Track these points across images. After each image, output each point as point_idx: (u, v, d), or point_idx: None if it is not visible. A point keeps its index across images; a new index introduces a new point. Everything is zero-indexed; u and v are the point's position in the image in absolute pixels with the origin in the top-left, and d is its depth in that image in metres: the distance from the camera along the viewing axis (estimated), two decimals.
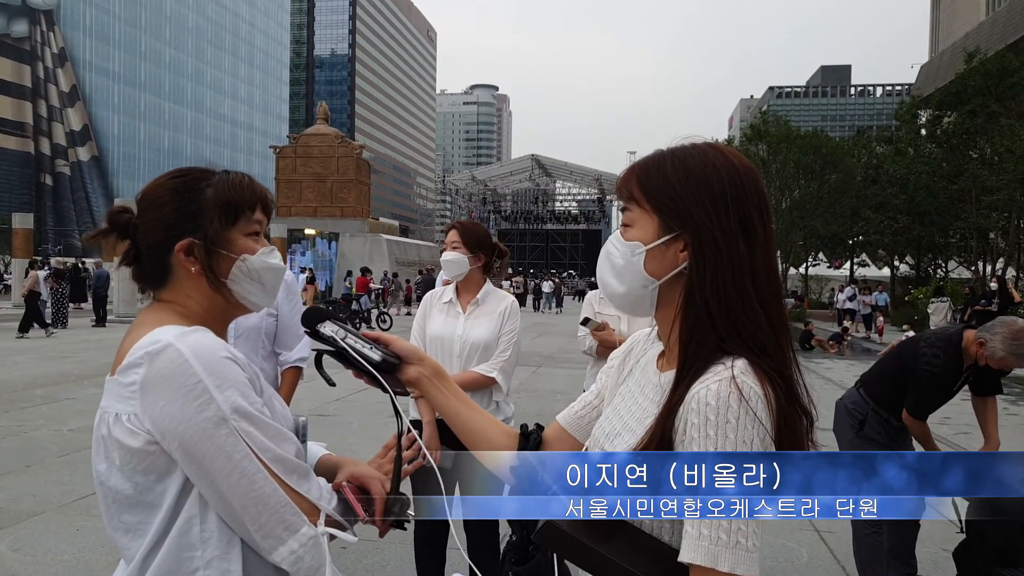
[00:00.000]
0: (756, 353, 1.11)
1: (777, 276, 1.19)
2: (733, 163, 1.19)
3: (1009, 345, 3.49)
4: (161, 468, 1.26)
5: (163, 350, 1.24)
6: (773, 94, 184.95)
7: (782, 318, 1.17)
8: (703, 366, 1.11)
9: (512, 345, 3.32)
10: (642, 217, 1.21)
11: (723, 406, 1.04)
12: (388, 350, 1.38)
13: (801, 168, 34.22)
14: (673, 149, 1.23)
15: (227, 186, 1.40)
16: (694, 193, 1.17)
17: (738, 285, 1.13)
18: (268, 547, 1.26)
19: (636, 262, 1.21)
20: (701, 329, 1.14)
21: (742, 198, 1.17)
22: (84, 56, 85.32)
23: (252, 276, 1.40)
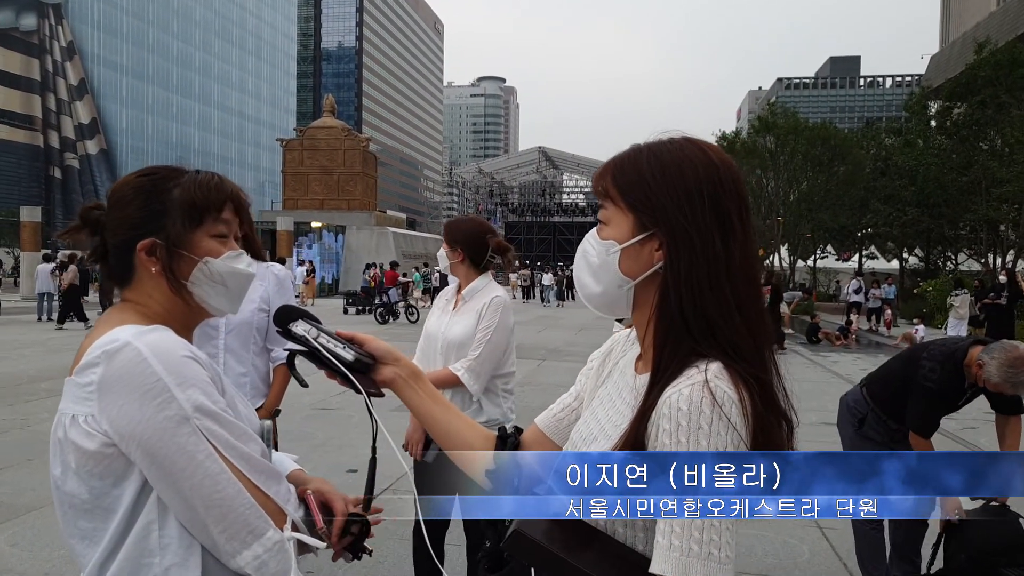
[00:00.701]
0: (731, 356, 1.08)
1: (756, 276, 1.16)
2: (711, 158, 1.15)
3: (1004, 372, 3.37)
4: (118, 472, 1.22)
5: (121, 349, 1.21)
6: (781, 85, 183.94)
7: (760, 319, 1.14)
8: (677, 369, 1.08)
9: (484, 343, 3.21)
10: (617, 215, 1.18)
11: (695, 411, 1.01)
12: (362, 350, 1.34)
13: (809, 160, 34.01)
14: (650, 144, 1.19)
15: (193, 186, 1.36)
16: (669, 190, 1.13)
17: (714, 285, 1.10)
18: (231, 551, 1.22)
19: (611, 261, 1.18)
20: (675, 331, 1.11)
21: (719, 194, 1.13)
22: (92, 49, 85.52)
23: (214, 279, 1.36)
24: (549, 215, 73.03)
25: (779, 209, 34.31)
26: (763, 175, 35.47)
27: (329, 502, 1.37)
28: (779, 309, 17.85)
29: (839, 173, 33.35)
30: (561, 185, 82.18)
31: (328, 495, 1.38)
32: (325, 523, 1.33)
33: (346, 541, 1.35)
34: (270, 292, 3.30)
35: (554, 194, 78.31)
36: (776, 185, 35.19)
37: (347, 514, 1.34)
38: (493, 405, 3.30)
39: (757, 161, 35.01)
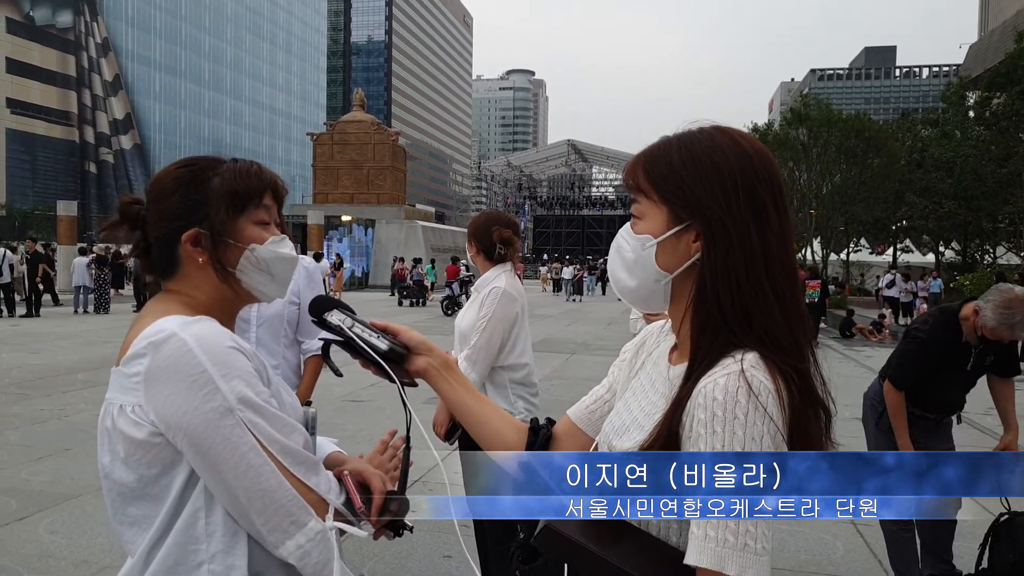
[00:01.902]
0: (769, 347, 1.05)
1: (794, 266, 1.13)
2: (743, 147, 1.13)
3: (1000, 314, 3.34)
4: (166, 460, 1.24)
5: (167, 340, 1.22)
6: (815, 77, 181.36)
7: (798, 310, 1.11)
8: (713, 359, 1.06)
9: (479, 332, 3.22)
10: (651, 209, 1.16)
11: (731, 401, 0.99)
12: (396, 340, 1.36)
13: (843, 152, 33.46)
14: (679, 135, 1.17)
15: (234, 175, 1.36)
16: (702, 180, 1.11)
17: (751, 276, 1.08)
18: (275, 541, 1.23)
19: (647, 256, 1.16)
20: (712, 322, 1.09)
21: (754, 184, 1.11)
22: (126, 45, 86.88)
23: (260, 266, 1.37)
24: (578, 208, 72.85)
25: (812, 202, 33.82)
26: (795, 168, 35.00)
27: (367, 480, 1.36)
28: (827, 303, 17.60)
29: (873, 165, 32.79)
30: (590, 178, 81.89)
31: (365, 474, 1.38)
32: (364, 502, 1.33)
33: (385, 519, 1.35)
34: (300, 285, 3.31)
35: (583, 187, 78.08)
36: (809, 178, 34.70)
37: (385, 492, 1.34)
38: (500, 398, 3.28)
39: (789, 153, 34.54)
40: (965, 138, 28.92)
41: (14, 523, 4.61)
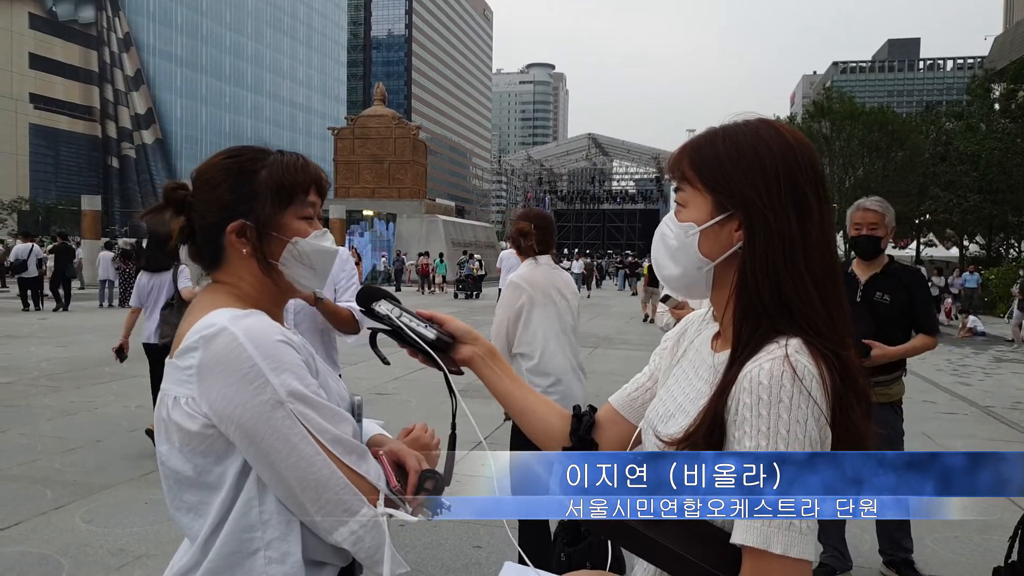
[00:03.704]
0: (810, 334, 1.07)
1: (833, 255, 1.15)
2: (787, 139, 1.16)
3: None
4: (220, 450, 1.27)
5: (218, 334, 1.25)
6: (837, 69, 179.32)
7: (838, 298, 1.13)
8: (757, 346, 1.08)
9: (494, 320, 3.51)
10: (695, 197, 1.19)
11: (776, 385, 1.01)
12: (442, 329, 1.39)
13: (866, 146, 33.18)
14: (725, 127, 1.20)
15: (281, 168, 1.38)
16: (746, 171, 1.14)
17: (790, 266, 1.11)
18: (328, 528, 1.26)
19: (690, 243, 1.18)
20: (754, 310, 1.11)
21: (796, 175, 1.14)
22: (148, 40, 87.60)
23: (303, 260, 1.39)
24: (599, 202, 72.55)
25: (834, 196, 33.53)
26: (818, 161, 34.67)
27: (402, 460, 1.38)
28: None
29: (897, 159, 32.47)
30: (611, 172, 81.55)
31: (400, 453, 1.39)
32: (399, 481, 1.35)
33: (421, 497, 1.36)
34: (334, 271, 3.36)
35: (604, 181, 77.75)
36: (831, 171, 34.39)
37: (420, 471, 1.36)
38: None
39: None
40: (990, 131, 28.53)
41: (51, 512, 4.69)
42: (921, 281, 3.85)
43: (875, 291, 3.77)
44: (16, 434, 6.57)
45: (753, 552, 0.98)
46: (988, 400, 9.57)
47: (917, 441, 7.11)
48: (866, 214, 3.78)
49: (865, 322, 3.69)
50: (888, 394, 3.78)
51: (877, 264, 3.82)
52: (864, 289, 3.80)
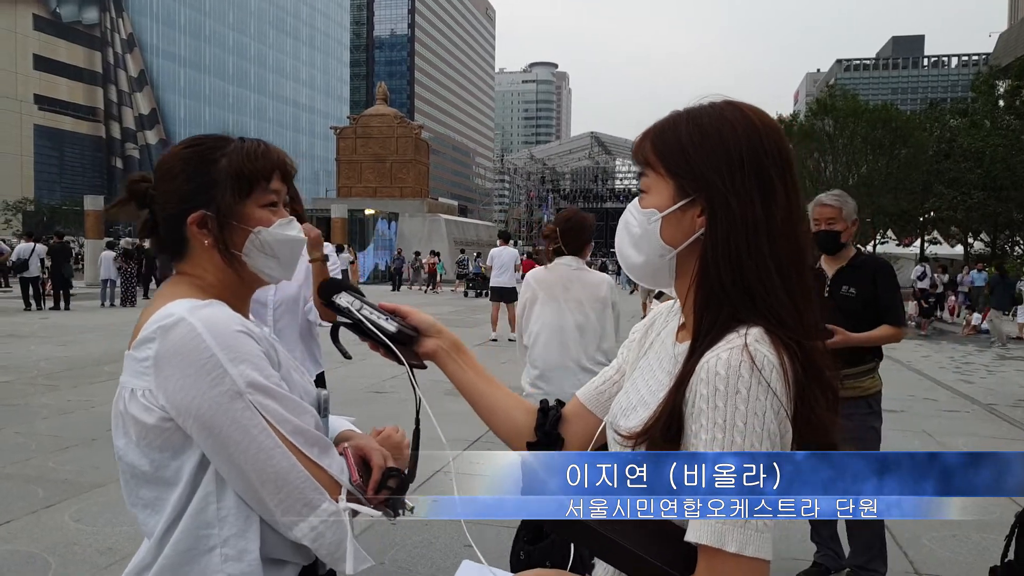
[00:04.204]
0: (773, 322, 1.04)
1: (799, 241, 1.10)
2: (752, 122, 1.11)
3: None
4: (177, 445, 1.24)
5: (175, 324, 1.22)
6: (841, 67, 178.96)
7: (803, 286, 1.09)
8: (717, 335, 1.04)
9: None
10: (658, 182, 1.15)
11: (733, 376, 0.97)
12: (405, 322, 1.35)
13: (869, 143, 33.04)
14: (689, 109, 1.16)
15: (241, 155, 1.34)
16: (709, 154, 1.10)
17: (753, 251, 1.06)
18: (288, 523, 1.23)
19: (652, 230, 1.14)
20: (715, 298, 1.08)
21: (761, 158, 1.09)
22: (151, 41, 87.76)
23: (266, 249, 1.35)
24: (602, 201, 72.49)
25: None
26: (821, 159, 34.60)
27: (367, 456, 1.36)
28: None
29: (900, 156, 32.34)
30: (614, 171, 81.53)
31: (366, 449, 1.37)
32: (362, 477, 1.32)
33: (383, 495, 1.33)
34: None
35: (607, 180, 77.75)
36: (835, 169, 34.27)
37: (384, 468, 1.33)
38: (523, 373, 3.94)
39: (815, 145, 34.17)
40: (994, 127, 28.42)
41: (41, 511, 4.68)
42: (887, 272, 3.78)
43: (841, 285, 3.73)
44: (11, 432, 6.57)
45: (708, 551, 0.96)
46: (991, 398, 9.51)
47: (917, 439, 7.06)
48: (823, 209, 3.73)
49: (833, 317, 3.64)
50: (860, 387, 3.68)
51: (843, 258, 3.77)
52: (831, 283, 3.76)
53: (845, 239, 3.74)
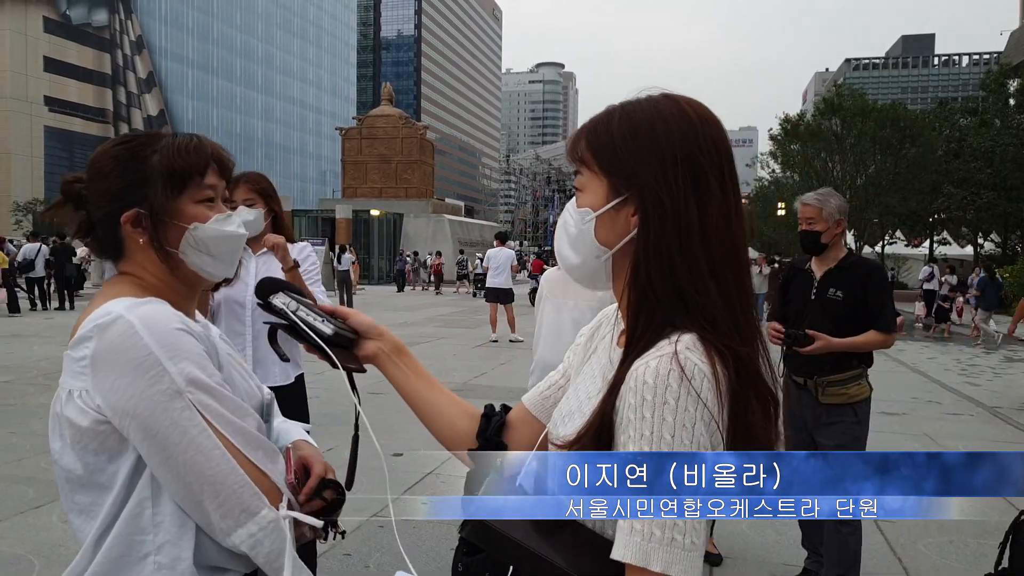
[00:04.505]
0: (706, 328, 1.00)
1: (736, 241, 1.06)
2: (688, 115, 1.07)
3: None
4: (112, 448, 1.21)
5: (113, 322, 1.19)
6: (850, 66, 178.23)
7: (740, 288, 1.04)
8: (650, 342, 1.01)
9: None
10: (592, 181, 1.11)
11: (661, 385, 0.94)
12: (345, 324, 1.31)
13: (877, 142, 32.81)
14: (624, 103, 1.12)
15: (172, 151, 1.32)
16: (640, 150, 1.06)
17: (685, 251, 1.03)
18: (226, 528, 1.20)
19: (587, 230, 1.11)
20: (647, 302, 1.04)
21: (695, 154, 1.05)
22: (160, 43, 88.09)
23: (203, 245, 1.33)
24: None
25: (845, 194, 33.23)
26: (828, 159, 34.41)
27: (309, 465, 1.34)
28: None
29: (909, 156, 32.12)
30: None
31: (310, 459, 1.35)
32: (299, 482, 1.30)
33: (316, 504, 1.30)
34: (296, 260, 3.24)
35: None
36: (842, 169, 34.05)
37: (323, 477, 1.31)
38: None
39: (822, 144, 33.98)
40: (1005, 127, 28.19)
41: (30, 511, 4.68)
42: (878, 275, 3.67)
43: (828, 287, 3.63)
44: (6, 432, 6.59)
45: (633, 569, 0.93)
46: (996, 400, 9.40)
47: (918, 442, 6.99)
48: (804, 208, 3.67)
49: (819, 320, 3.56)
50: (845, 394, 3.55)
51: (832, 259, 3.67)
52: (819, 285, 3.68)
53: (827, 239, 3.64)
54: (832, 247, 3.67)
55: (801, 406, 3.66)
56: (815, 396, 3.60)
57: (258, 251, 3.23)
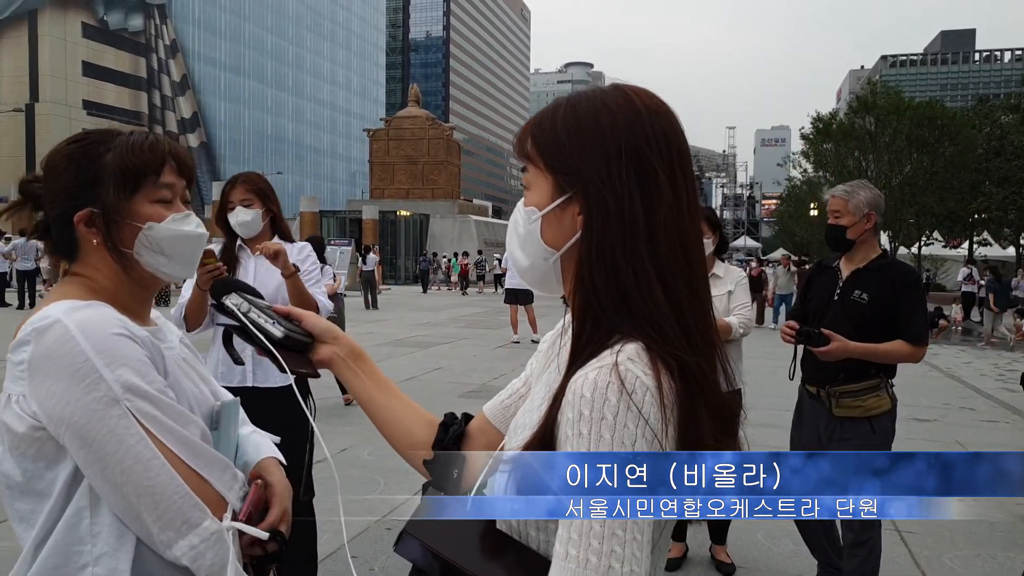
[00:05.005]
0: (652, 336, 0.94)
1: (688, 242, 1.00)
2: (634, 105, 1.00)
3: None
4: (50, 455, 1.19)
5: (50, 327, 1.18)
6: (886, 63, 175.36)
7: (692, 292, 0.98)
8: (595, 350, 0.95)
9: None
10: (537, 178, 1.05)
11: (599, 399, 0.88)
12: (299, 327, 1.26)
13: (913, 141, 32.06)
14: (570, 96, 1.06)
15: (126, 150, 1.31)
16: (584, 144, 1.00)
17: (629, 252, 0.96)
18: (166, 540, 1.17)
19: (533, 231, 1.05)
20: (591, 307, 0.98)
21: (641, 147, 0.98)
22: (193, 47, 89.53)
23: (158, 246, 1.32)
24: None
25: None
26: (862, 158, 33.73)
27: (269, 505, 1.32)
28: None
29: (947, 154, 31.34)
30: None
31: (272, 500, 1.33)
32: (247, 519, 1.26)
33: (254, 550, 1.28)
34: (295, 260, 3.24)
35: None
36: (877, 168, 33.34)
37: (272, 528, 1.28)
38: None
39: (855, 143, 33.33)
40: None
41: None
42: (910, 280, 3.37)
43: (854, 289, 3.37)
44: None
45: None
46: None
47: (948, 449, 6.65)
48: (831, 201, 3.42)
49: (840, 323, 3.31)
50: (861, 406, 3.28)
51: (861, 258, 3.40)
52: (843, 286, 3.42)
53: (854, 235, 3.37)
54: (861, 245, 3.40)
55: (815, 417, 3.46)
56: (828, 407, 3.36)
57: (256, 252, 3.21)
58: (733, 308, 4.06)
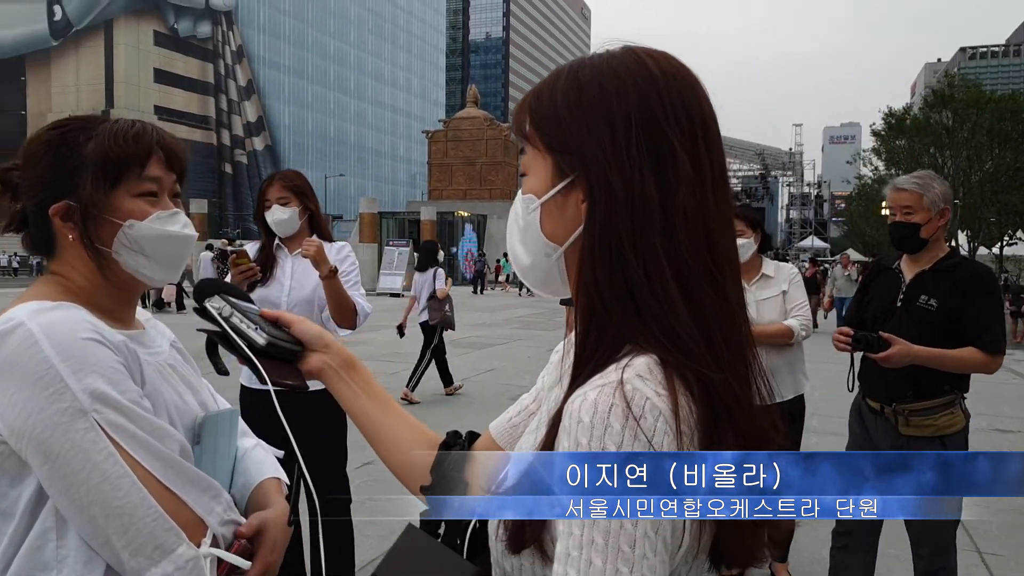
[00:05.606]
0: (668, 347, 0.77)
1: (714, 232, 0.81)
2: (648, 69, 0.82)
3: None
4: (12, 471, 1.10)
5: (12, 331, 1.08)
6: (964, 56, 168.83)
7: (720, 292, 0.80)
8: (602, 363, 0.79)
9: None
10: (536, 160, 0.88)
11: (599, 425, 0.74)
12: (287, 334, 1.14)
13: (994, 136, 30.53)
14: (574, 61, 0.88)
15: (108, 139, 1.19)
16: (588, 117, 0.82)
17: (640, 244, 0.79)
18: (137, 567, 1.07)
19: (532, 222, 0.88)
20: (595, 312, 0.82)
21: (656, 119, 0.80)
22: (258, 52, 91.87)
23: (138, 245, 1.20)
24: None
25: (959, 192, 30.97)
26: (938, 154, 32.30)
27: (256, 548, 1.19)
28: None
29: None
30: None
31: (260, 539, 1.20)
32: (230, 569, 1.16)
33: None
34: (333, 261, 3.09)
35: None
36: (954, 165, 31.86)
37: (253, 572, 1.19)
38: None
39: (931, 139, 31.95)
40: None
41: None
42: (984, 281, 2.94)
43: (920, 294, 2.93)
44: None
45: None
46: None
47: None
48: (897, 194, 2.97)
49: (904, 333, 2.85)
50: (931, 426, 2.90)
51: (928, 259, 2.98)
52: (907, 290, 2.98)
53: (928, 234, 2.93)
54: (932, 244, 2.97)
55: (878, 436, 3.04)
56: (895, 425, 2.94)
57: (294, 251, 3.15)
58: (790, 309, 3.69)
